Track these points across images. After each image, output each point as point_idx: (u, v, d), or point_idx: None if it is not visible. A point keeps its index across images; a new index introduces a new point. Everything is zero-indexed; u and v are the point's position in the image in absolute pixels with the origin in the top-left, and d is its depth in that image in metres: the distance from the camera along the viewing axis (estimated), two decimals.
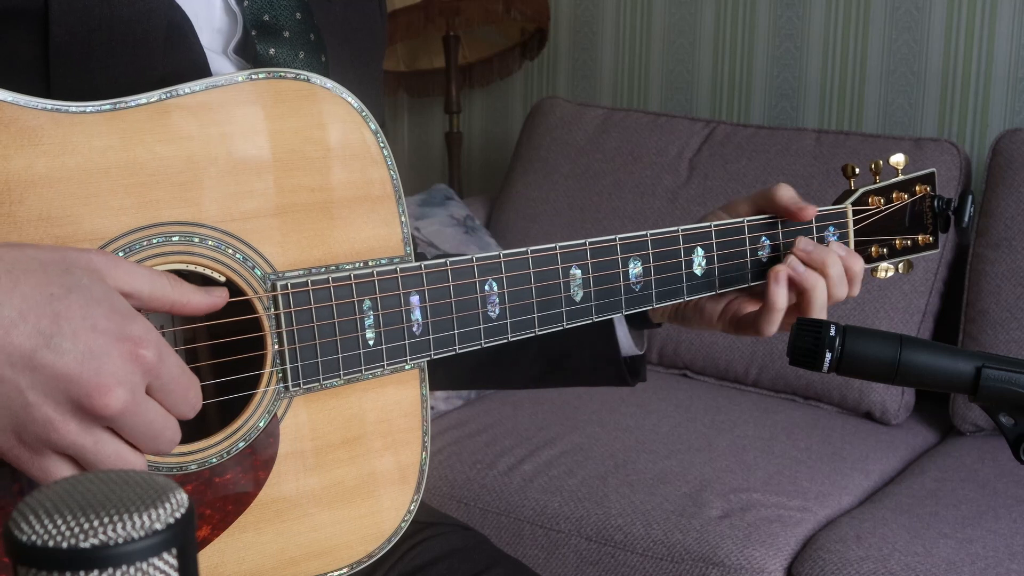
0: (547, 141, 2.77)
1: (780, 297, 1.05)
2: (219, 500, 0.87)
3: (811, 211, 1.10)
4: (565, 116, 2.79)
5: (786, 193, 1.10)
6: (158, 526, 0.50)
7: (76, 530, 0.49)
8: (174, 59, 0.88)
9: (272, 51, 0.94)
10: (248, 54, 0.94)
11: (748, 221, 1.09)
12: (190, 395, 0.77)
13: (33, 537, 0.49)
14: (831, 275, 1.06)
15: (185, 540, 0.51)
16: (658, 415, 2.29)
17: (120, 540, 0.49)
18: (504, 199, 2.82)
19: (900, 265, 1.18)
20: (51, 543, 0.49)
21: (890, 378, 0.92)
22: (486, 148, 3.28)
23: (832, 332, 0.92)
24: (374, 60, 1.10)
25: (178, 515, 0.51)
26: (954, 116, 2.58)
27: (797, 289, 1.06)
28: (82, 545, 0.49)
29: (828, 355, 0.92)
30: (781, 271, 1.05)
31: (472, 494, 2.08)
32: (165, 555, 0.51)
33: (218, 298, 0.82)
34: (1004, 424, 0.92)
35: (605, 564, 1.93)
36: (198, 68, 0.90)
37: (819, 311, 1.05)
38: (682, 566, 1.86)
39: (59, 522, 0.50)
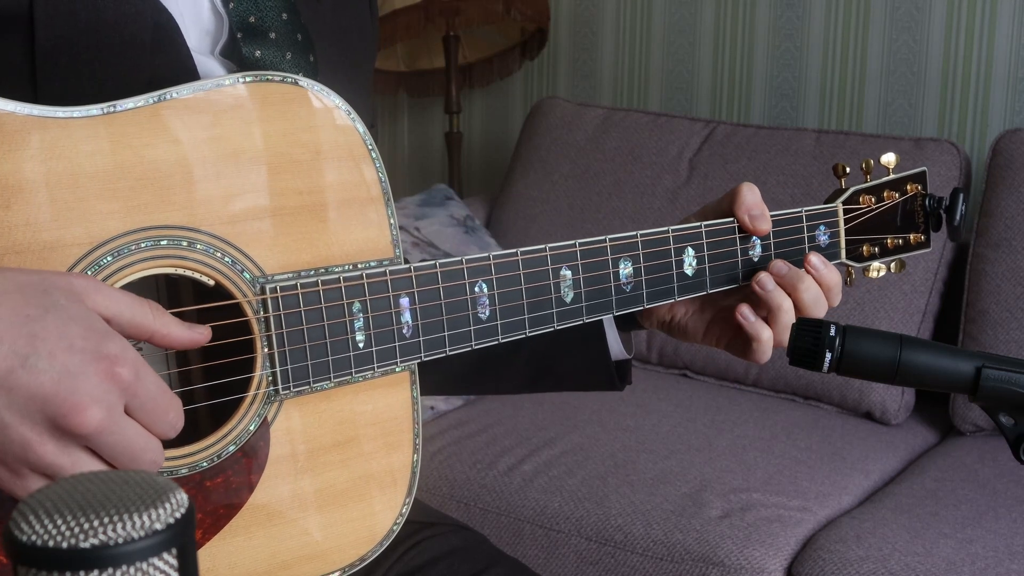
0: (547, 141, 2.77)
1: (761, 330, 1.03)
2: (210, 504, 0.86)
3: (764, 228, 1.07)
4: (565, 116, 2.79)
5: (747, 200, 1.07)
6: (158, 526, 0.50)
7: (76, 530, 0.49)
8: (161, 61, 0.88)
9: (258, 53, 0.94)
10: (235, 56, 0.93)
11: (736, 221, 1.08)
12: (169, 415, 0.77)
13: (33, 537, 0.49)
14: (804, 299, 1.04)
15: (185, 540, 0.51)
16: (658, 415, 2.29)
17: (120, 540, 0.49)
18: (504, 199, 2.82)
19: (892, 264, 1.18)
20: (51, 543, 0.49)
21: (890, 378, 0.92)
22: (486, 148, 3.28)
23: (832, 332, 0.92)
24: (365, 61, 1.09)
25: (178, 515, 0.51)
26: (954, 116, 2.58)
27: (765, 308, 1.05)
28: (82, 545, 0.49)
29: (828, 355, 0.92)
30: (744, 309, 1.04)
31: (472, 494, 2.08)
32: (165, 555, 0.51)
33: (199, 335, 0.81)
34: (1004, 424, 0.92)
35: (605, 564, 1.93)
36: (185, 70, 0.90)
37: (783, 329, 1.03)
38: (682, 566, 1.86)
39: (59, 522, 0.50)
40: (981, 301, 2.26)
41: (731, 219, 1.07)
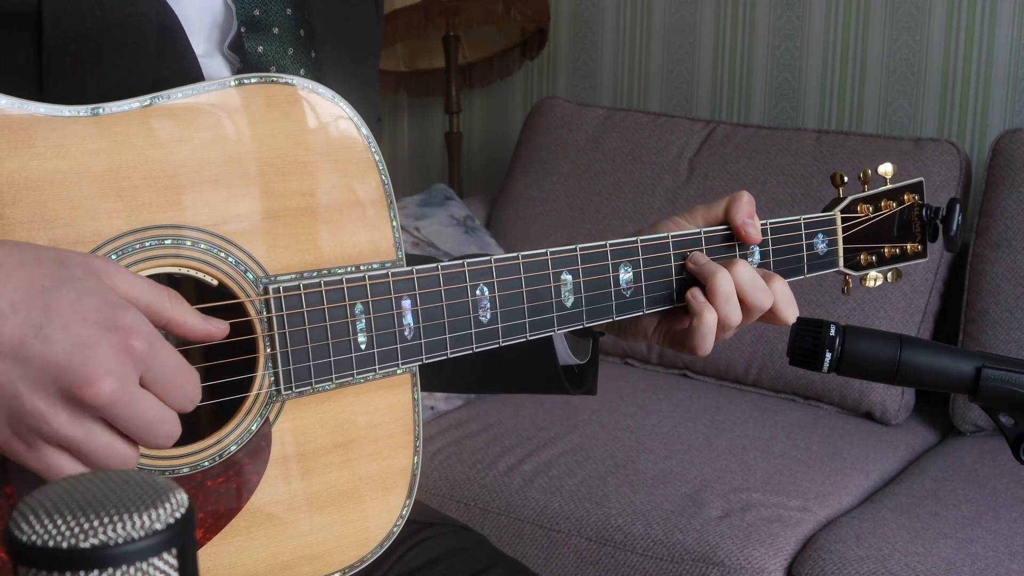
0: (547, 141, 2.77)
1: (705, 309, 1.01)
2: (211, 504, 0.87)
3: (756, 237, 1.06)
4: (565, 116, 2.79)
5: (742, 209, 1.06)
6: (158, 526, 0.50)
7: (76, 530, 0.49)
8: (165, 64, 0.88)
9: (260, 48, 0.94)
10: (242, 51, 0.94)
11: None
12: (188, 387, 0.77)
13: (33, 537, 0.49)
14: (744, 286, 1.02)
15: (185, 540, 0.51)
16: (658, 415, 2.29)
17: (120, 540, 0.49)
18: (504, 199, 2.82)
19: (889, 274, 1.18)
20: (51, 543, 0.49)
21: (890, 378, 0.92)
22: (486, 148, 3.28)
23: (832, 332, 0.92)
24: (371, 56, 1.09)
25: (178, 515, 0.51)
26: (954, 116, 2.58)
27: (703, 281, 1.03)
28: (82, 545, 0.49)
29: (828, 355, 0.92)
30: (693, 288, 1.03)
31: (472, 494, 2.08)
32: (165, 555, 0.51)
33: (216, 329, 0.80)
34: (1004, 424, 0.92)
35: (605, 564, 1.93)
36: (189, 72, 0.90)
37: (725, 300, 1.01)
38: (682, 566, 1.86)
39: (59, 522, 0.50)
40: (981, 301, 2.26)
41: (726, 227, 1.07)
